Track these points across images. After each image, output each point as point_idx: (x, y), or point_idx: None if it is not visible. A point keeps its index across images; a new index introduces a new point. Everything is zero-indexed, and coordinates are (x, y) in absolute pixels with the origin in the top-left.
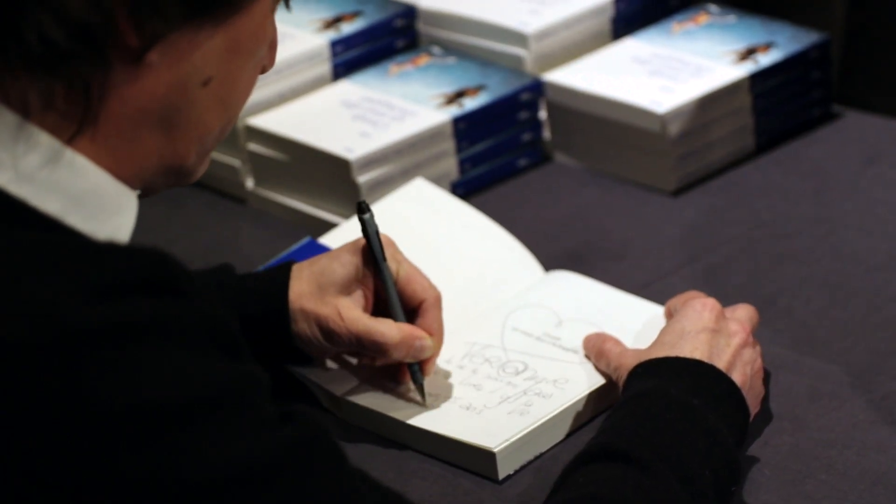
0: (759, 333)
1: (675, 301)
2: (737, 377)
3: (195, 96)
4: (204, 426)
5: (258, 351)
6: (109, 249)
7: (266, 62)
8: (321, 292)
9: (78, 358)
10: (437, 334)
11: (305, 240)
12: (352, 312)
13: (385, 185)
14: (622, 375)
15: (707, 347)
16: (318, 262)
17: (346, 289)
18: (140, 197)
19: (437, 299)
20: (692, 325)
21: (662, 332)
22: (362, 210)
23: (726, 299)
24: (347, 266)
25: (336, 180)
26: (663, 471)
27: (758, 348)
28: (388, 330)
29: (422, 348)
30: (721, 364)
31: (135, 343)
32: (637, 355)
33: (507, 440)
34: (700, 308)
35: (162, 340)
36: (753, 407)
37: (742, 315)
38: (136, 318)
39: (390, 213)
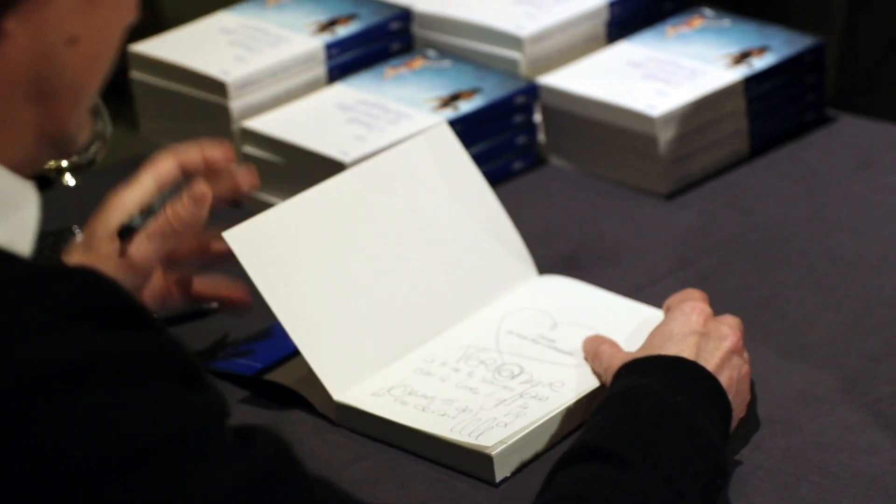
0: (752, 336)
1: (671, 300)
2: (723, 379)
3: (64, 59)
4: (169, 465)
5: None
6: (38, 274)
7: (131, 14)
8: (93, 252)
9: (27, 403)
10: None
11: None
12: (138, 237)
13: None
14: (609, 376)
15: (694, 349)
16: (86, 234)
17: (110, 242)
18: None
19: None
20: (680, 328)
21: (651, 335)
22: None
23: (720, 302)
24: (114, 222)
25: None
26: (646, 468)
27: (745, 356)
28: (175, 204)
29: (201, 193)
30: (709, 366)
31: (87, 383)
32: (626, 357)
33: (503, 442)
34: (689, 311)
35: (116, 378)
36: (739, 411)
37: (732, 321)
38: (86, 354)
39: (407, 161)
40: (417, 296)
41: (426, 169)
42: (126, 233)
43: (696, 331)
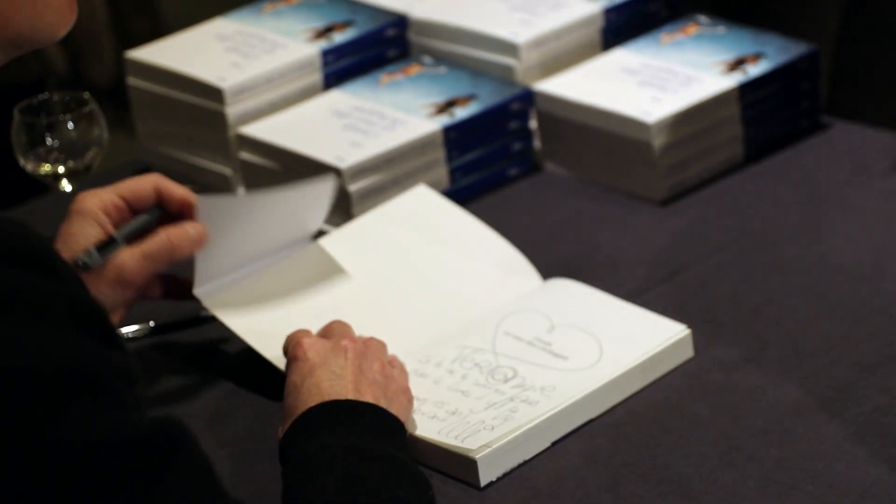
0: (748, 344)
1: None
2: (376, 392)
3: None
4: (66, 398)
5: None
6: None
7: None
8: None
9: None
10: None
11: None
12: (130, 253)
13: (376, 194)
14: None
15: (325, 385)
16: (63, 242)
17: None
18: None
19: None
20: (298, 375)
21: (320, 368)
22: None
23: (715, 308)
24: (87, 229)
25: None
26: None
27: (372, 342)
28: (173, 230)
29: (200, 231)
30: (348, 393)
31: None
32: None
33: (488, 446)
34: (300, 356)
35: (26, 314)
36: (406, 403)
37: (337, 328)
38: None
39: (393, 217)
40: (417, 315)
41: (411, 223)
42: (106, 247)
43: (315, 364)
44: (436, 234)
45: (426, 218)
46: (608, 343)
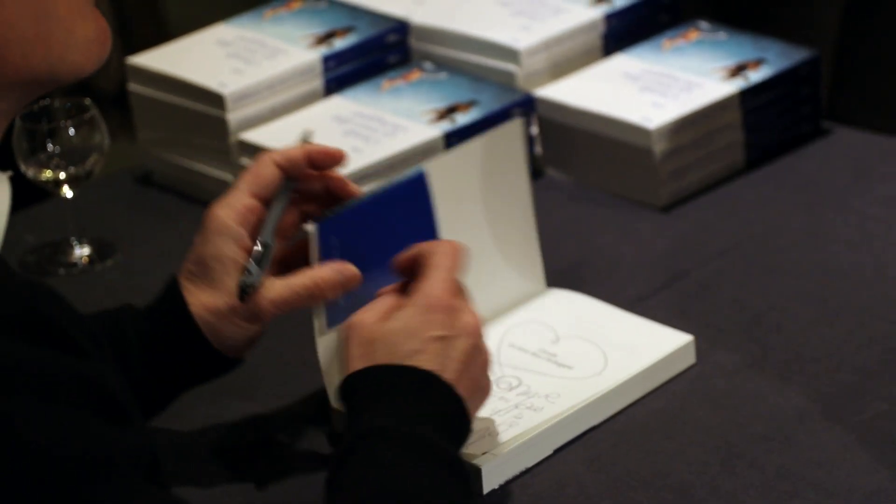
0: (750, 350)
1: (421, 250)
2: (465, 382)
3: None
4: (72, 484)
5: (188, 380)
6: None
7: None
8: (219, 286)
9: None
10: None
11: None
12: (271, 287)
13: None
14: (349, 360)
15: (436, 357)
16: (199, 263)
17: (236, 265)
18: None
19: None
20: (422, 327)
21: (392, 321)
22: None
23: (716, 314)
24: (227, 250)
25: None
26: None
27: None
28: (322, 273)
29: (351, 274)
30: (449, 372)
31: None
32: (363, 355)
33: (492, 454)
34: (435, 304)
35: (33, 393)
36: (478, 404)
37: (471, 320)
38: (10, 362)
39: (477, 158)
40: None
41: (487, 168)
42: (246, 292)
43: (437, 336)
44: (491, 194)
45: (500, 164)
46: (613, 352)
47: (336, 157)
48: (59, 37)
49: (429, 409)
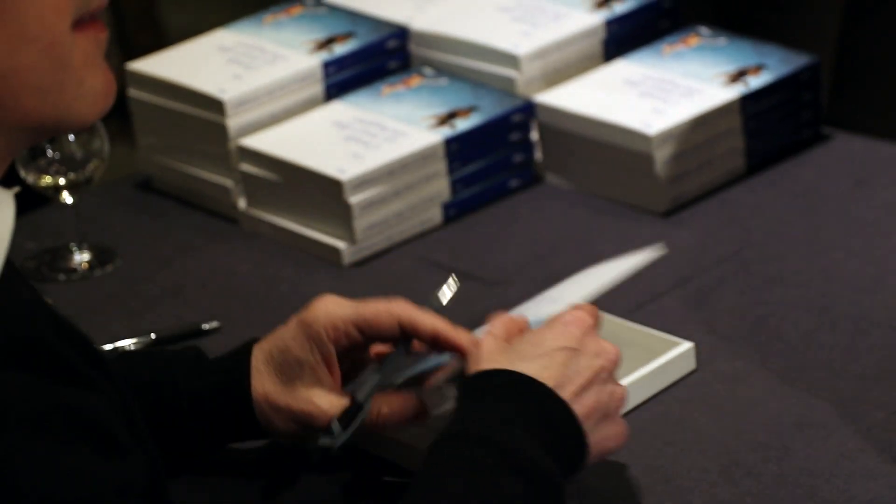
0: (750, 357)
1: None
2: (587, 401)
3: None
4: None
5: (223, 439)
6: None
7: None
8: (289, 386)
9: None
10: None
11: None
12: (331, 401)
13: (377, 206)
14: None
15: (560, 367)
16: (279, 352)
17: (314, 375)
18: None
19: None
20: (552, 340)
21: (524, 339)
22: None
23: (716, 320)
24: (307, 351)
25: (328, 201)
26: None
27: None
28: (403, 406)
29: (409, 405)
30: (572, 386)
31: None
32: (488, 357)
33: None
34: (569, 321)
35: (19, 425)
36: (604, 438)
37: (611, 346)
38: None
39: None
40: None
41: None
42: (322, 453)
43: (566, 346)
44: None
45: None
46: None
47: (461, 348)
48: (71, 87)
49: (526, 418)
